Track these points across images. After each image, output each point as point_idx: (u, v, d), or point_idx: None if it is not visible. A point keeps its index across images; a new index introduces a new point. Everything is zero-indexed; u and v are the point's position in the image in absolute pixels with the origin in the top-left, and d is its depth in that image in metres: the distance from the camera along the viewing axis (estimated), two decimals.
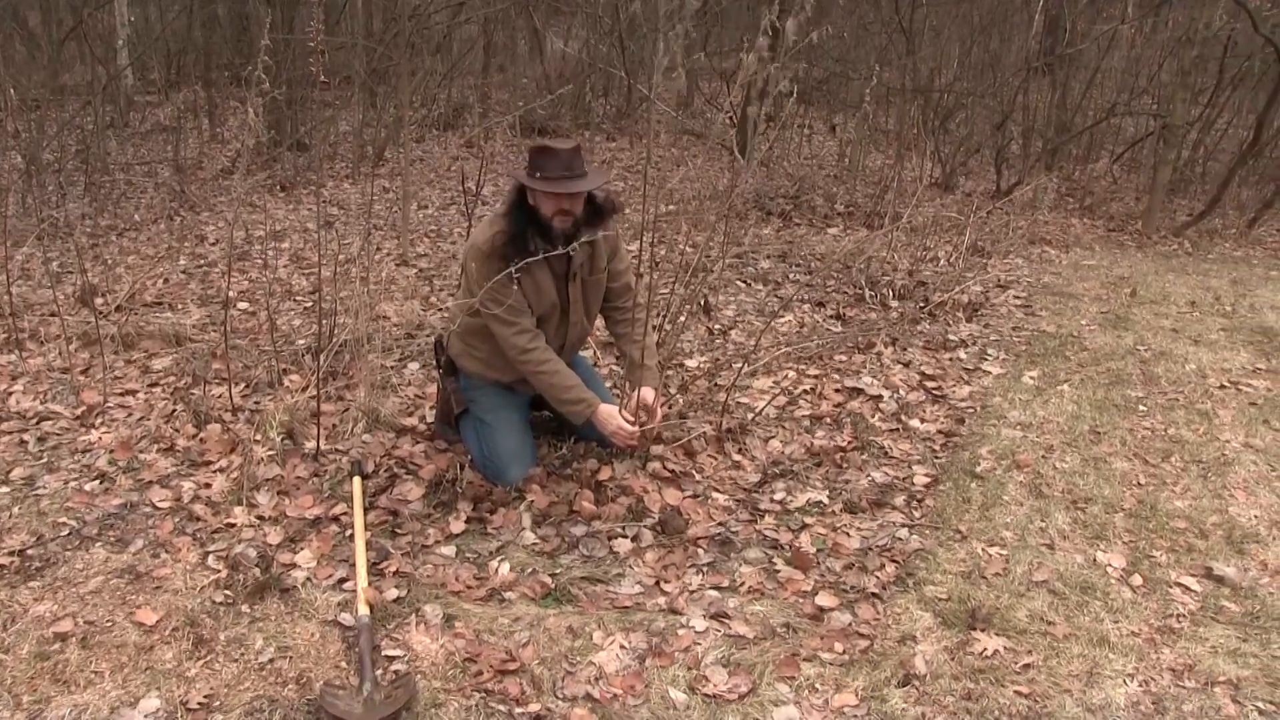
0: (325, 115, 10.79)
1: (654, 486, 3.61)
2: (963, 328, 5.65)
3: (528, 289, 3.41)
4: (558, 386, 3.46)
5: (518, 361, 3.43)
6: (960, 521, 3.49)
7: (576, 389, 3.47)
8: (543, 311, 3.50)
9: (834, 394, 4.59)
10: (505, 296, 3.33)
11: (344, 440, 3.90)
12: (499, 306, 3.34)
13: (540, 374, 3.44)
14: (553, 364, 3.45)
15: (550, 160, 3.27)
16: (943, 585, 3.10)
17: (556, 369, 3.46)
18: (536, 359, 3.42)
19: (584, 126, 12.10)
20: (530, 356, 3.42)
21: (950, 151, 9.99)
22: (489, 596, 2.99)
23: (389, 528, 3.35)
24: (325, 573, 3.07)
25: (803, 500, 3.61)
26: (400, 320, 5.29)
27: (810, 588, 3.07)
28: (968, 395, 4.63)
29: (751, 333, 5.44)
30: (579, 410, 3.48)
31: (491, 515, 3.42)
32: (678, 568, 3.16)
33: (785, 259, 7.14)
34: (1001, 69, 10.36)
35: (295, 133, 9.81)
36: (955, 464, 3.94)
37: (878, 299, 6.04)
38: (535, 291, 3.45)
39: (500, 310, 3.35)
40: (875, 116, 10.98)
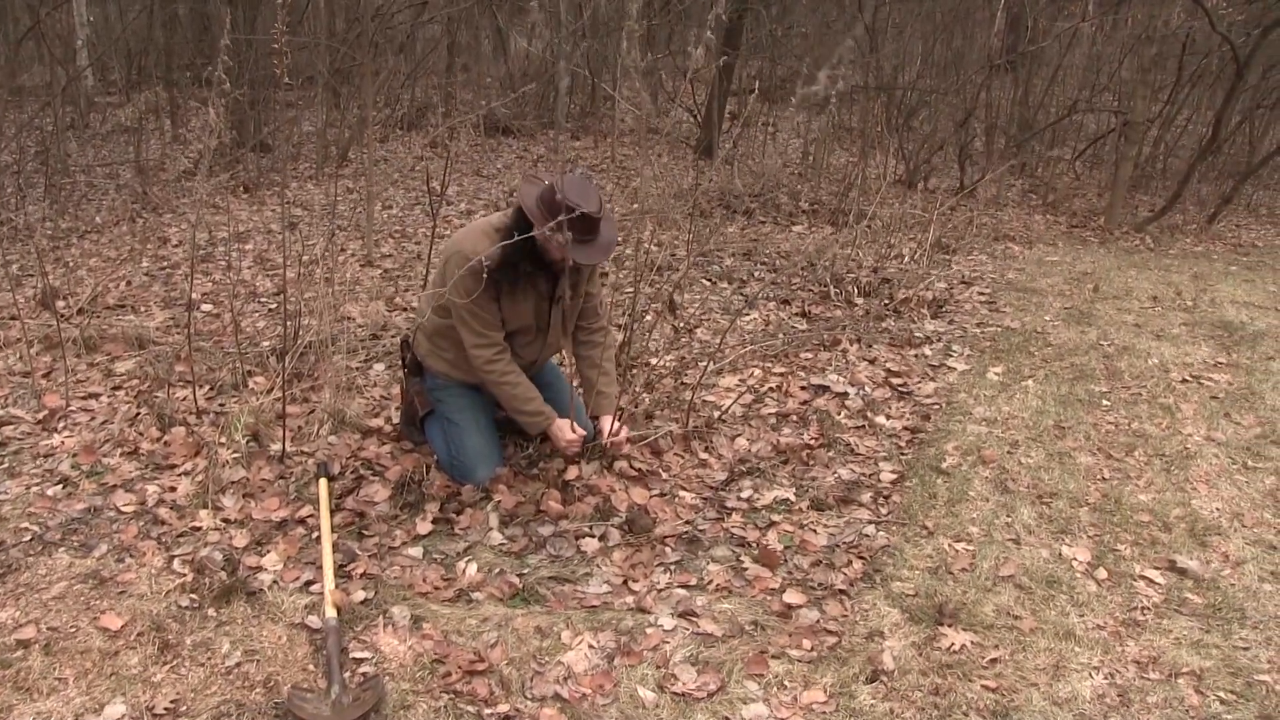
0: (288, 116, 10.70)
1: (621, 486, 3.62)
2: (927, 324, 5.69)
3: (506, 308, 3.41)
4: (518, 398, 3.48)
5: (480, 370, 3.44)
6: (927, 518, 3.52)
7: (535, 402, 3.50)
8: (520, 327, 3.50)
9: (800, 391, 4.61)
10: (482, 310, 3.33)
11: (309, 442, 3.87)
12: (474, 319, 3.34)
13: (502, 385, 3.45)
14: (514, 376, 3.47)
15: (580, 223, 3.14)
16: (910, 581, 3.12)
17: (518, 381, 3.48)
18: (500, 370, 3.44)
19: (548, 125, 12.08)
20: (494, 369, 3.43)
21: (914, 149, 10.06)
22: (456, 597, 2.98)
23: (356, 529, 3.33)
24: (292, 575, 3.05)
25: (770, 498, 3.63)
26: (365, 321, 5.26)
27: (778, 585, 3.08)
28: (933, 391, 4.66)
29: (717, 331, 5.45)
30: (536, 422, 3.51)
31: (458, 516, 3.41)
32: (645, 567, 3.16)
33: (750, 257, 7.15)
34: (964, 66, 10.45)
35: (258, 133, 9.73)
36: (921, 460, 3.97)
37: (843, 296, 6.07)
38: (514, 311, 3.44)
39: (474, 322, 3.35)
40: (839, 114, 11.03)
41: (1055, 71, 10.75)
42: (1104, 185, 10.24)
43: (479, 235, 3.33)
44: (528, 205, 3.22)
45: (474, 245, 3.26)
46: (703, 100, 12.09)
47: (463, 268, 3.18)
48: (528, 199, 3.23)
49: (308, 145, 10.63)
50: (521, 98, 11.25)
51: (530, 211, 3.20)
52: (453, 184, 9.58)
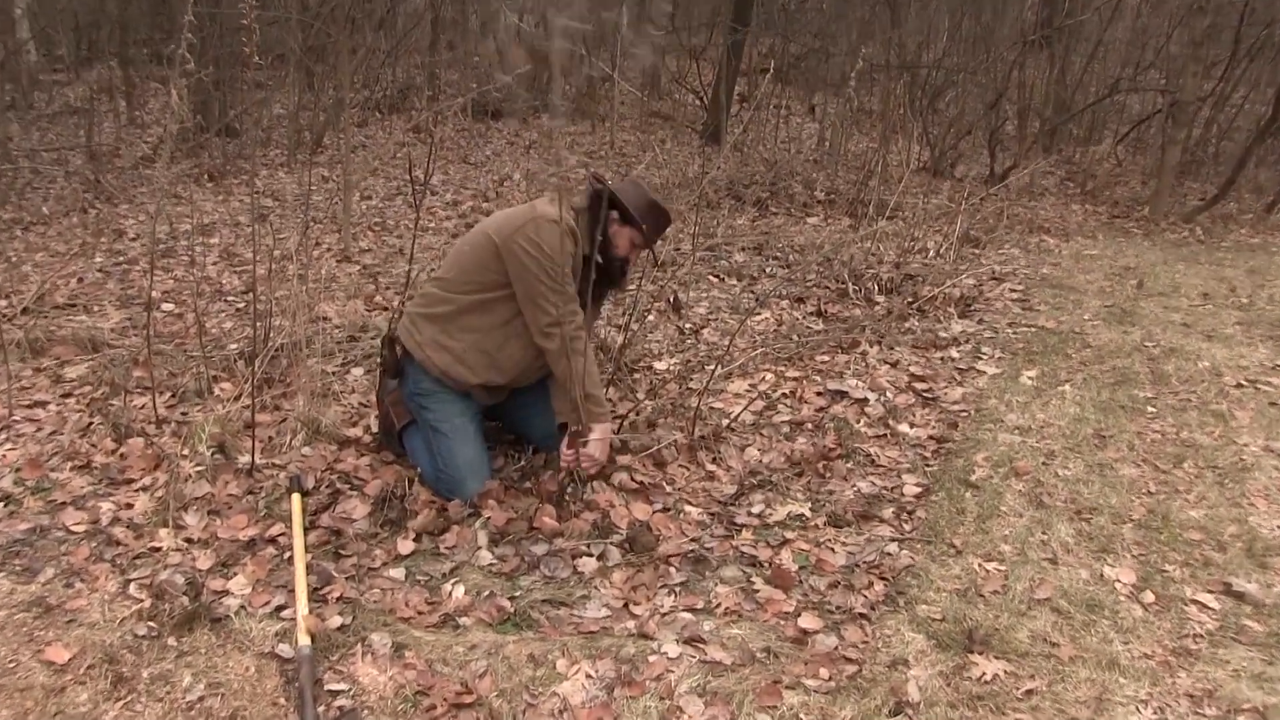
0: (257, 97, 10.72)
1: (621, 500, 3.61)
2: (954, 324, 5.69)
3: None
4: (593, 376, 3.55)
5: (575, 335, 3.47)
6: (954, 535, 3.51)
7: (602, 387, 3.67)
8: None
9: (815, 397, 4.61)
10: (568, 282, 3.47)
11: (281, 454, 3.87)
12: (566, 281, 3.45)
13: (583, 354, 3.48)
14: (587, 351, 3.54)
15: (662, 222, 3.69)
16: (936, 604, 3.11)
17: (590, 357, 3.54)
18: (584, 341, 3.50)
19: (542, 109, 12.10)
20: (581, 336, 3.49)
21: (940, 133, 10.07)
22: (442, 623, 2.97)
23: (331, 549, 3.32)
24: (261, 600, 3.04)
25: (783, 513, 3.62)
26: (342, 322, 5.27)
27: (792, 608, 3.08)
28: (961, 397, 4.66)
29: (725, 332, 5.46)
30: (601, 412, 3.58)
31: (444, 534, 3.40)
32: (648, 588, 3.16)
33: (761, 251, 7.16)
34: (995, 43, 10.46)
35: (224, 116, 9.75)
36: (948, 472, 3.96)
37: (862, 294, 6.08)
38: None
39: (566, 285, 3.45)
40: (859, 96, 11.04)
41: (1095, 47, 10.74)
42: (1149, 172, 10.24)
43: (555, 208, 3.51)
44: (627, 195, 3.59)
45: (560, 214, 3.47)
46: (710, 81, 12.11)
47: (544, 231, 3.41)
48: (625, 189, 3.62)
49: (279, 130, 10.66)
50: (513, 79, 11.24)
51: (631, 200, 3.58)
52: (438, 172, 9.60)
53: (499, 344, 3.54)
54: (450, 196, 8.86)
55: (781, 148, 10.58)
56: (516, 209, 3.60)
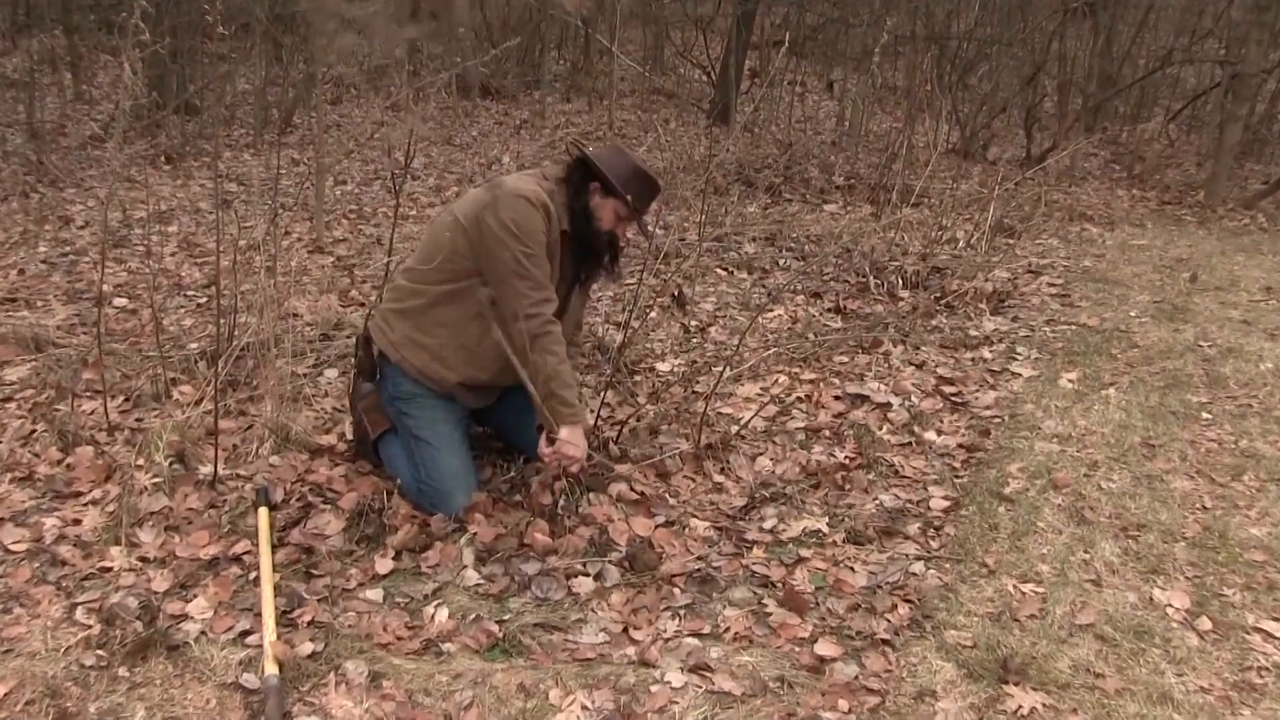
0: (220, 71, 10.72)
1: (620, 514, 3.62)
2: (986, 322, 5.69)
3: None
4: (564, 374, 3.47)
5: (541, 332, 3.42)
6: (987, 553, 3.52)
7: (577, 385, 3.58)
8: None
9: (833, 402, 4.62)
10: (543, 260, 3.44)
11: (247, 463, 3.87)
12: (538, 266, 3.41)
13: (552, 353, 3.44)
14: (564, 348, 3.52)
15: (648, 191, 3.62)
16: (967, 629, 3.11)
17: (566, 356, 3.52)
18: (558, 335, 3.47)
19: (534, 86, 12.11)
20: (554, 331, 3.45)
21: (971, 112, 10.07)
22: (424, 649, 2.97)
23: (302, 568, 3.32)
24: (224, 624, 3.04)
25: (797, 529, 3.63)
26: (314, 319, 5.26)
27: (808, 634, 3.08)
28: (993, 402, 4.67)
29: (735, 330, 5.46)
30: (573, 413, 3.49)
31: (426, 551, 3.40)
32: (649, 611, 3.16)
33: (774, 242, 7.16)
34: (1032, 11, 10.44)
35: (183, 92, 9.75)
36: (980, 485, 3.97)
37: (885, 288, 6.08)
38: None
39: (538, 271, 3.41)
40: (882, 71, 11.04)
41: (1145, 14, 10.70)
42: (1205, 152, 10.21)
43: (530, 181, 3.50)
44: (608, 162, 3.54)
45: (532, 187, 3.45)
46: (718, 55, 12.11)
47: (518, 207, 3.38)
48: (605, 157, 3.57)
49: (244, 107, 10.66)
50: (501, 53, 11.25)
51: (611, 168, 3.53)
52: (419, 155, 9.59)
53: (477, 337, 3.51)
54: (433, 181, 8.86)
55: (796, 128, 10.58)
56: (485, 186, 3.59)
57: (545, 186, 3.49)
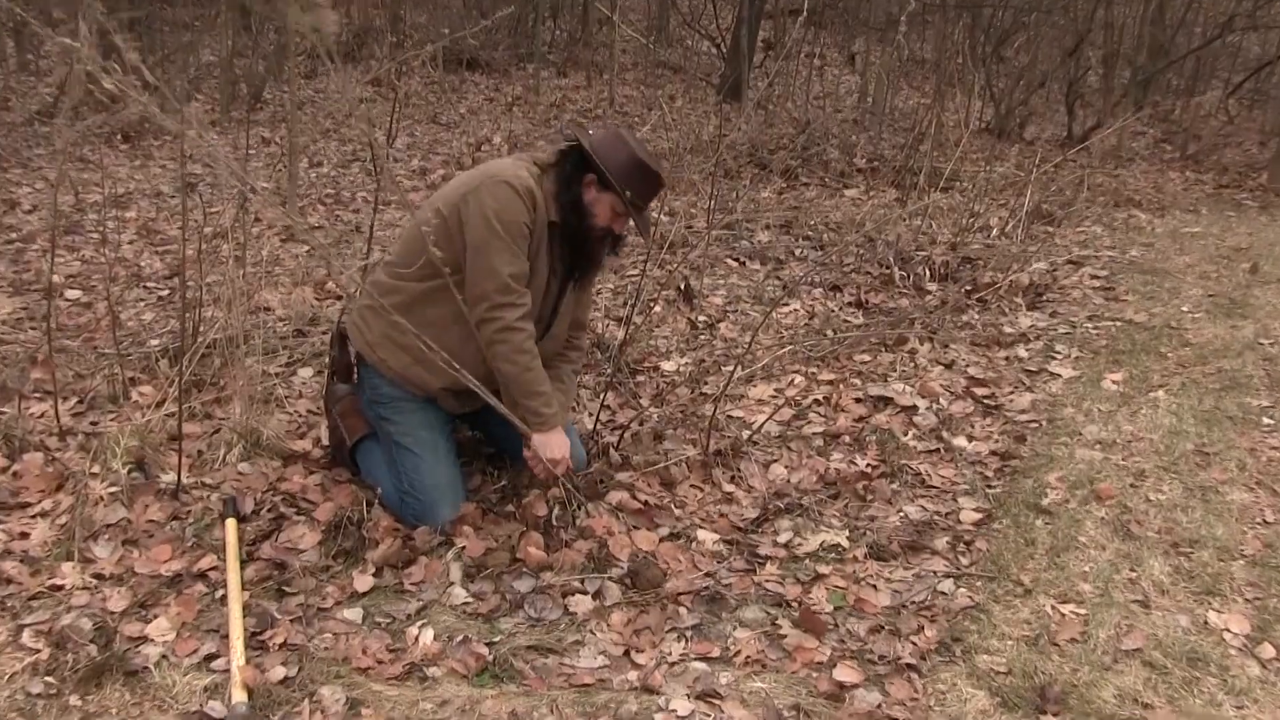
0: (182, 41, 10.73)
1: (622, 526, 3.62)
2: (1022, 318, 5.70)
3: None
4: (533, 380, 3.48)
5: (496, 339, 3.42)
6: (1023, 570, 3.52)
7: (549, 391, 3.54)
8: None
9: (854, 405, 4.63)
10: (522, 255, 3.41)
11: (213, 471, 3.87)
12: (511, 262, 3.38)
13: (520, 357, 3.43)
14: (535, 349, 3.49)
15: (650, 186, 3.55)
16: (1001, 654, 3.12)
17: (536, 355, 3.49)
18: (525, 337, 3.45)
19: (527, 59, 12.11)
20: (520, 332, 3.43)
21: (1007, 87, 10.06)
22: (406, 674, 2.98)
23: (274, 585, 3.32)
24: (187, 648, 3.03)
25: (815, 543, 3.63)
26: (287, 313, 5.27)
27: (826, 658, 3.08)
28: (1030, 405, 4.68)
29: (746, 326, 5.47)
30: (546, 418, 3.50)
31: (409, 567, 3.41)
32: (653, 632, 3.16)
33: (790, 230, 7.17)
34: None
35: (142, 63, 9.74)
36: (1015, 495, 3.97)
37: (910, 281, 6.09)
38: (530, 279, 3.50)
39: (511, 266, 3.38)
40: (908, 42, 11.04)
41: None
42: (1269, 130, 10.17)
43: (516, 166, 3.47)
44: (605, 151, 3.47)
45: (515, 172, 3.42)
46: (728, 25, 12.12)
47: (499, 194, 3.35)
48: (604, 144, 3.49)
49: (209, 80, 10.66)
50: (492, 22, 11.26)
51: (609, 158, 3.46)
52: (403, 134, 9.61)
53: (460, 340, 3.48)
54: (417, 163, 8.87)
55: (815, 105, 10.59)
56: (468, 172, 3.57)
57: (534, 172, 3.47)
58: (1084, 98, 10.28)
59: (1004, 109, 9.88)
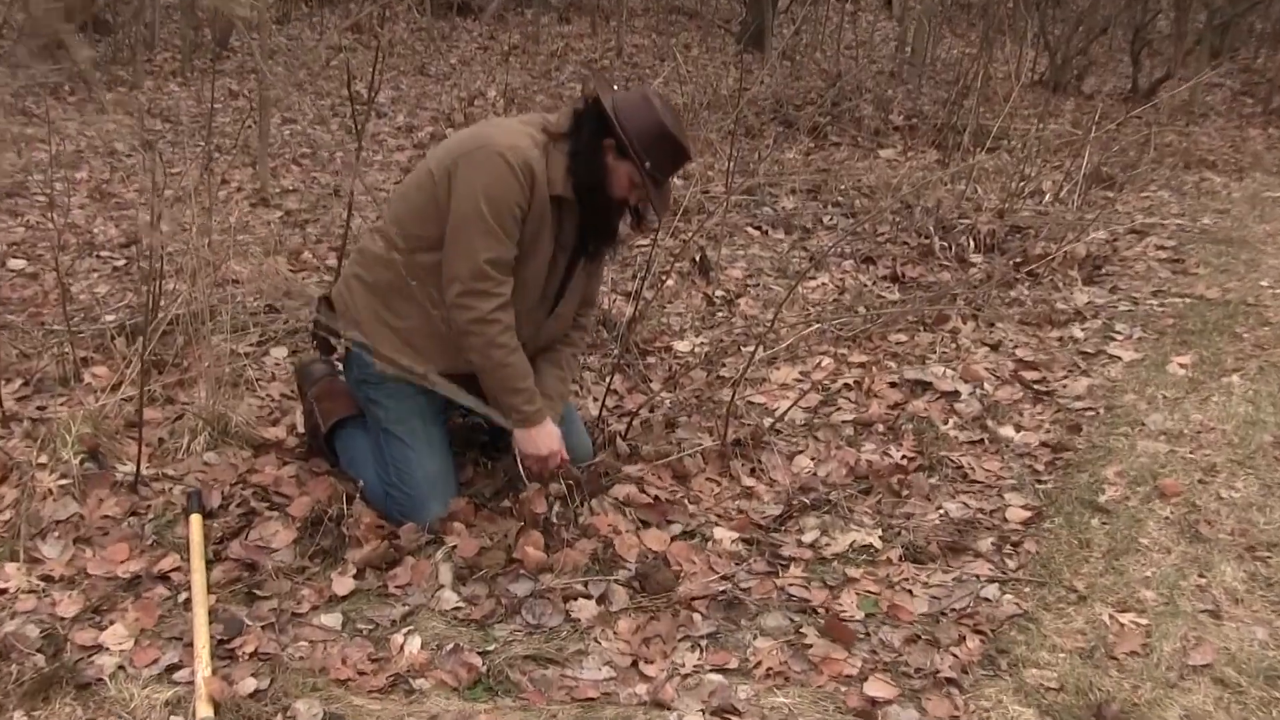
0: None
1: (630, 524, 3.64)
2: (1078, 293, 5.69)
3: (521, 249, 3.44)
4: (513, 374, 3.47)
5: (468, 329, 3.41)
6: (1076, 575, 3.52)
7: (531, 386, 3.53)
8: (524, 288, 3.50)
9: (888, 390, 4.63)
10: (507, 237, 3.37)
11: (176, 461, 3.89)
12: (493, 246, 3.34)
13: (494, 351, 3.43)
14: (514, 342, 3.46)
15: (673, 158, 3.51)
16: (1052, 668, 3.12)
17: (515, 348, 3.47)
18: (501, 329, 3.42)
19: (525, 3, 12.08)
20: (494, 325, 3.41)
21: (1063, 35, 10.02)
22: (391, 686, 2.99)
23: (244, 588, 3.33)
24: (146, 657, 3.04)
25: (844, 543, 3.64)
26: (259, 286, 5.27)
27: (856, 670, 3.09)
28: (1086, 391, 4.68)
29: (769, 302, 5.47)
30: (528, 414, 3.51)
31: (394, 568, 3.42)
32: (664, 641, 3.17)
33: (818, 195, 7.17)
34: None
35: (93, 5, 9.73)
36: (1068, 491, 3.98)
37: (953, 252, 6.08)
38: (526, 261, 3.47)
39: (490, 251, 3.35)
40: None
41: None
42: None
43: (518, 133, 3.41)
44: (628, 114, 3.41)
45: (513, 142, 3.36)
46: None
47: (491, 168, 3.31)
48: (627, 107, 3.42)
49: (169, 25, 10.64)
50: None
51: (631, 123, 3.40)
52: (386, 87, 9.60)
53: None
54: (403, 119, 8.87)
55: (847, 55, 10.56)
56: (466, 131, 3.56)
57: (539, 140, 3.42)
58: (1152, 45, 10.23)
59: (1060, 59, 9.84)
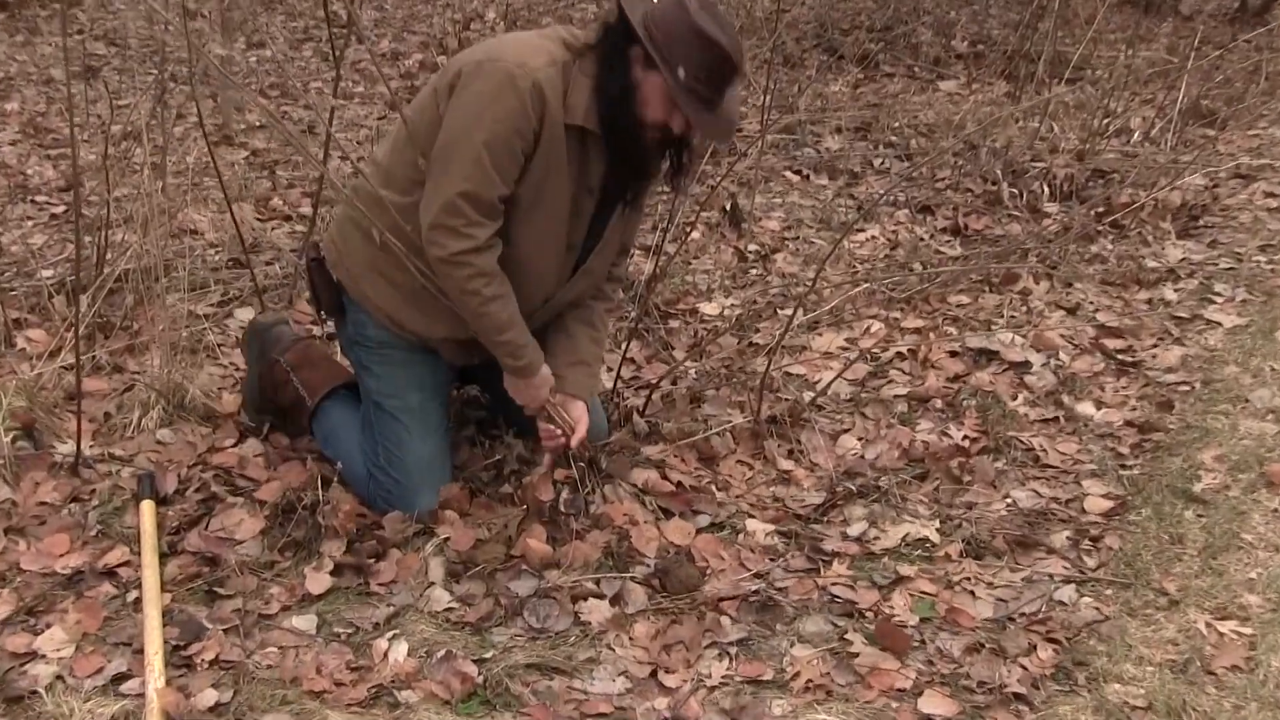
0: None
1: (649, 513, 3.65)
2: (1171, 248, 5.68)
3: (527, 196, 3.36)
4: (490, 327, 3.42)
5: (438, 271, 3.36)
6: (1167, 576, 3.51)
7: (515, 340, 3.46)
8: (537, 236, 3.44)
9: (948, 360, 4.62)
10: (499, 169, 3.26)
11: (125, 440, 3.90)
12: (477, 180, 3.25)
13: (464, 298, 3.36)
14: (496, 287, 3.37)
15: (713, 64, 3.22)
16: (1139, 684, 3.11)
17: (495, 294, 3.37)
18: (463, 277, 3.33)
19: None
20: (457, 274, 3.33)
21: None
22: (373, 698, 2.99)
23: (203, 586, 3.34)
24: (89, 666, 3.04)
25: (896, 537, 3.65)
26: (220, 238, 5.28)
27: (910, 683, 3.09)
28: (1179, 362, 4.66)
29: (810, 258, 5.46)
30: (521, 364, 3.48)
31: (378, 563, 3.43)
32: (687, 649, 3.17)
33: (868, 134, 7.15)
34: None
35: None
36: (1158, 478, 3.97)
37: (1024, 200, 6.07)
38: (539, 203, 3.38)
39: (473, 183, 3.25)
40: None
41: None
42: None
43: (534, 48, 3.29)
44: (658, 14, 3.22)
45: (523, 58, 3.24)
46: None
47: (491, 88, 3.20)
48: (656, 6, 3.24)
49: None
50: None
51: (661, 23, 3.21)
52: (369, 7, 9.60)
53: None
54: (388, 45, 8.86)
55: None
56: (479, 44, 3.46)
57: (559, 58, 3.28)
58: None
59: None
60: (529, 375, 3.51)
